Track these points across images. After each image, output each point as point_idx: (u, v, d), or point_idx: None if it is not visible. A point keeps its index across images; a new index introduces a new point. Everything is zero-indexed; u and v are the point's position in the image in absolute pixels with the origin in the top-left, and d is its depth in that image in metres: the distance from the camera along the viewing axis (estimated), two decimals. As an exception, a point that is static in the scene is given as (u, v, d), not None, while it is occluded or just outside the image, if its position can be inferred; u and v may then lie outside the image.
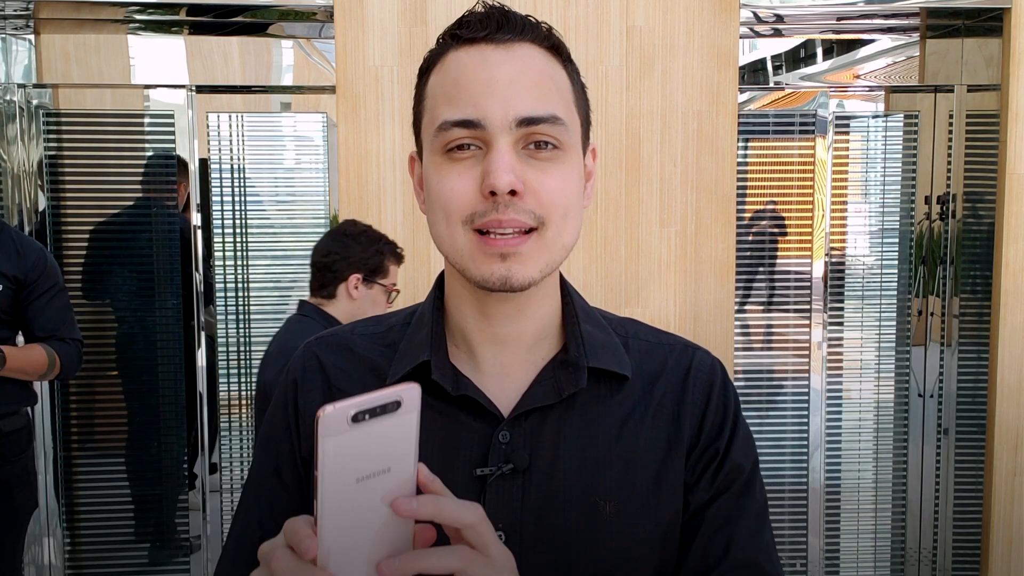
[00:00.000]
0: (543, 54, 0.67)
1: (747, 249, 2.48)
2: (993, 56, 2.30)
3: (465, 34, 0.66)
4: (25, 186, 2.31)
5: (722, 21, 2.09)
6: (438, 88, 0.67)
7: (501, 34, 0.65)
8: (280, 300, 2.44)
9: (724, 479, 0.71)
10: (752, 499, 0.72)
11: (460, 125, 0.64)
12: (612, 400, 0.71)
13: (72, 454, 2.41)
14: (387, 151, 2.06)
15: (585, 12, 2.06)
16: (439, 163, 0.65)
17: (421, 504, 0.49)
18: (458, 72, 0.65)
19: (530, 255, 0.65)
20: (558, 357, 0.72)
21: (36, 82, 2.31)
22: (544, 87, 0.65)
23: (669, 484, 0.71)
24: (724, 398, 0.74)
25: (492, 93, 0.63)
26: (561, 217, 0.65)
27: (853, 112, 2.53)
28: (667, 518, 0.70)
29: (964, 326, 2.44)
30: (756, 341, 2.53)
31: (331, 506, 0.47)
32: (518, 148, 0.64)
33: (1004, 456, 2.27)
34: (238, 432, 2.45)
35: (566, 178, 0.66)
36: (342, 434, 0.46)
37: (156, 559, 2.43)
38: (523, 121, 0.63)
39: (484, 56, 0.65)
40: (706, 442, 0.72)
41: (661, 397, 0.73)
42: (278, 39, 2.39)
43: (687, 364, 0.75)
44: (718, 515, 0.70)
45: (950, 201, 2.44)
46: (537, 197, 0.64)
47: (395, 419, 0.48)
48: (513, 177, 0.62)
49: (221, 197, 2.38)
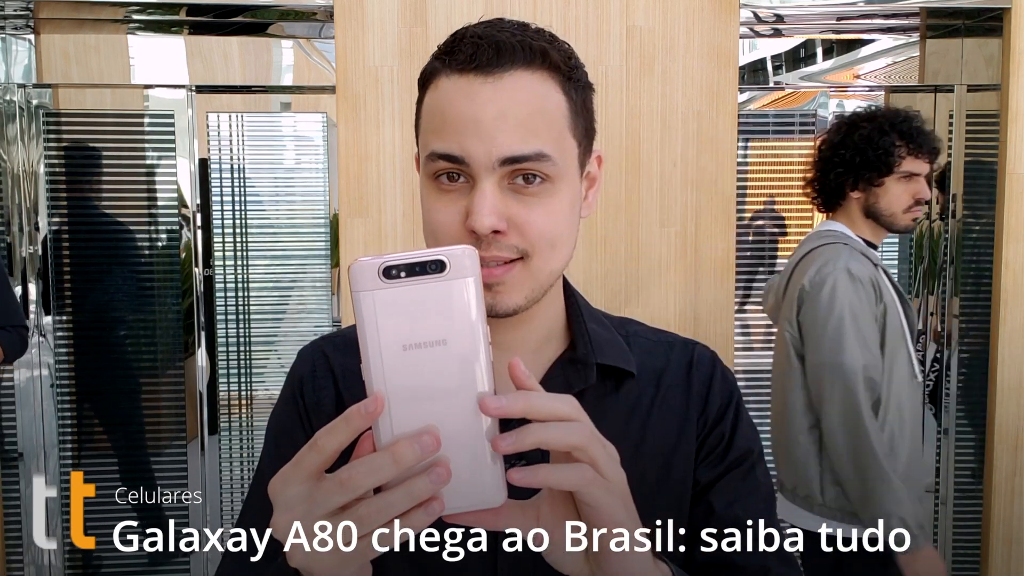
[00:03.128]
0: (536, 80, 0.65)
1: (747, 249, 2.48)
2: (993, 56, 2.30)
3: (454, 64, 0.65)
4: (25, 186, 2.31)
5: (722, 21, 2.09)
6: (428, 115, 0.68)
7: (490, 66, 0.64)
8: (280, 300, 2.44)
9: (731, 460, 0.73)
10: (759, 481, 0.73)
11: (445, 159, 0.64)
12: (618, 395, 0.73)
13: (72, 454, 2.41)
14: (387, 151, 2.06)
15: (585, 12, 2.06)
16: (430, 187, 0.66)
17: (510, 401, 0.45)
18: (445, 103, 0.65)
19: (514, 284, 0.65)
20: (565, 355, 0.73)
21: (36, 82, 2.31)
22: (531, 124, 0.64)
23: (678, 474, 0.72)
24: (724, 384, 0.76)
25: (476, 131, 0.63)
26: (548, 248, 0.65)
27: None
28: (676, 508, 0.71)
29: (964, 326, 2.44)
30: (756, 341, 2.53)
31: (378, 375, 0.43)
32: (504, 184, 0.64)
33: (1004, 456, 2.27)
34: (238, 432, 2.45)
35: (553, 211, 0.65)
36: (377, 291, 0.43)
37: (155, 559, 2.42)
38: (507, 160, 0.63)
39: (471, 90, 0.64)
40: (711, 426, 0.74)
41: (667, 391, 0.74)
42: (278, 39, 2.39)
43: (689, 358, 0.77)
44: (728, 491, 0.72)
45: (950, 201, 2.44)
46: (522, 232, 0.64)
47: (441, 284, 0.44)
48: (495, 219, 0.62)
49: (221, 197, 2.38)
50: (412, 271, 0.44)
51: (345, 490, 0.42)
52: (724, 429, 0.74)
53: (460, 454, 0.45)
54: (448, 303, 0.44)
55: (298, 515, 0.44)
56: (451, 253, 0.44)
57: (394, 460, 0.42)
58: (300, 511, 0.44)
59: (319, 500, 0.43)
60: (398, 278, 0.43)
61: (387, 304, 0.43)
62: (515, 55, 0.65)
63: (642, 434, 0.72)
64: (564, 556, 0.50)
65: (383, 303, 0.43)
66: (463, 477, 0.45)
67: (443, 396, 0.44)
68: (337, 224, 2.23)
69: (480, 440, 0.45)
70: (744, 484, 0.72)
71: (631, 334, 0.78)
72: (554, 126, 0.66)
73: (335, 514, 0.43)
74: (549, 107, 0.66)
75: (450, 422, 0.44)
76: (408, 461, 0.42)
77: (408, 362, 0.44)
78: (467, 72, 0.64)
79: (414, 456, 0.42)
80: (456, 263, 0.44)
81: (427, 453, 0.43)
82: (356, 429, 0.43)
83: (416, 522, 0.43)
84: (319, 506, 0.43)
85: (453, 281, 0.44)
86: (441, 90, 0.66)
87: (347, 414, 0.43)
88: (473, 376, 0.45)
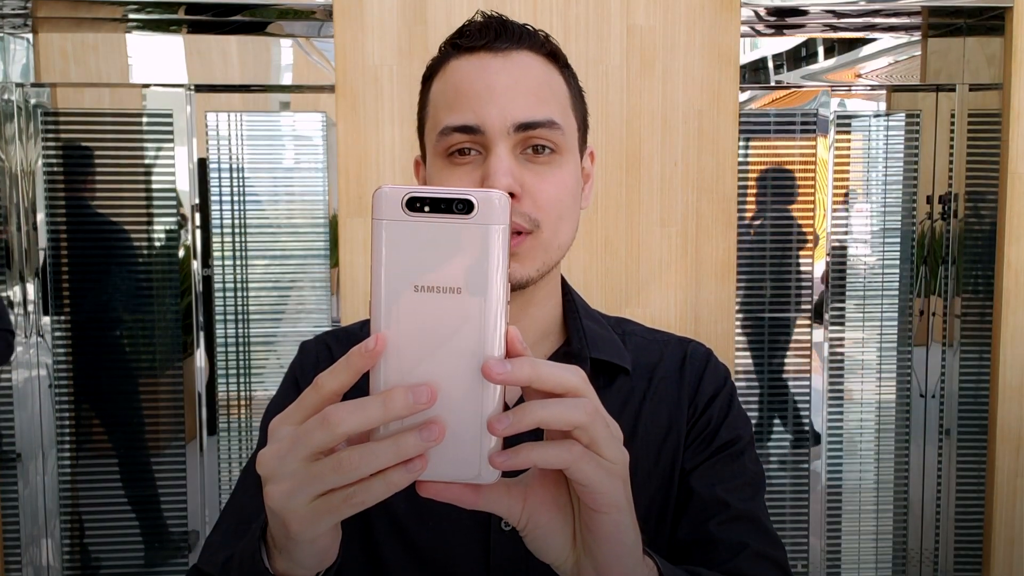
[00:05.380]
0: (540, 61, 0.69)
1: (747, 249, 2.47)
2: (995, 55, 2.29)
3: (464, 43, 0.68)
4: (23, 185, 2.31)
5: (723, 20, 2.08)
6: (440, 95, 0.69)
7: (499, 43, 0.67)
8: (279, 300, 2.43)
9: (717, 446, 0.74)
10: (745, 466, 0.74)
11: (460, 130, 0.66)
12: (611, 388, 0.74)
13: (70, 454, 2.41)
14: (386, 150, 2.05)
15: (585, 12, 2.05)
16: (441, 166, 0.68)
17: (516, 367, 0.41)
18: (458, 79, 0.68)
19: (527, 255, 0.67)
20: (560, 350, 0.75)
21: (34, 81, 2.31)
22: (541, 93, 0.67)
23: (667, 461, 0.73)
24: (716, 374, 0.77)
25: (491, 99, 0.65)
26: (556, 219, 0.67)
27: (854, 111, 2.52)
28: (664, 494, 0.72)
29: (966, 326, 2.43)
30: (756, 341, 2.52)
31: (384, 314, 0.41)
32: (516, 152, 0.66)
33: (1006, 456, 2.26)
34: (237, 433, 2.44)
35: (563, 181, 0.68)
36: (398, 221, 0.40)
37: (153, 560, 2.42)
38: (521, 126, 0.65)
39: (483, 64, 0.67)
40: (700, 413, 0.75)
41: (659, 383, 0.76)
42: (277, 38, 2.38)
43: (683, 353, 0.78)
44: (711, 473, 0.72)
45: (952, 201, 2.44)
46: (534, 200, 0.66)
47: (467, 227, 0.41)
48: (511, 180, 0.64)
49: (220, 196, 2.37)
50: (437, 207, 0.41)
51: (327, 427, 0.40)
52: (712, 415, 0.75)
53: (455, 418, 0.41)
54: (470, 248, 0.41)
55: (283, 451, 0.42)
56: (482, 195, 0.41)
57: (384, 405, 0.40)
58: (285, 447, 0.42)
59: (301, 437, 0.41)
60: (421, 211, 0.40)
61: (405, 237, 0.40)
62: (521, 37, 0.68)
63: (634, 426, 0.73)
64: (549, 542, 0.47)
65: (401, 235, 0.40)
66: (454, 444, 0.42)
67: (448, 351, 0.41)
68: (336, 224, 2.22)
69: (479, 407, 0.42)
70: (728, 468, 0.73)
71: (627, 332, 0.79)
72: (560, 100, 0.70)
73: (317, 458, 0.41)
74: (554, 84, 0.70)
75: (451, 381, 0.41)
76: (398, 409, 0.40)
77: (417, 305, 0.41)
78: (477, 51, 0.68)
79: (405, 405, 0.40)
80: (485, 207, 0.41)
81: (419, 406, 0.40)
82: (357, 370, 0.41)
83: (396, 479, 0.40)
84: (302, 444, 0.41)
85: (479, 225, 0.41)
86: (451, 71, 0.69)
87: (349, 353, 0.41)
88: (484, 334, 0.41)
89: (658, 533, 0.72)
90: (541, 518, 0.47)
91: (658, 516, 0.72)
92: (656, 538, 0.72)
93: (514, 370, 0.41)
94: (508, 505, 0.46)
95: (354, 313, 2.05)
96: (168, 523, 2.43)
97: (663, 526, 0.72)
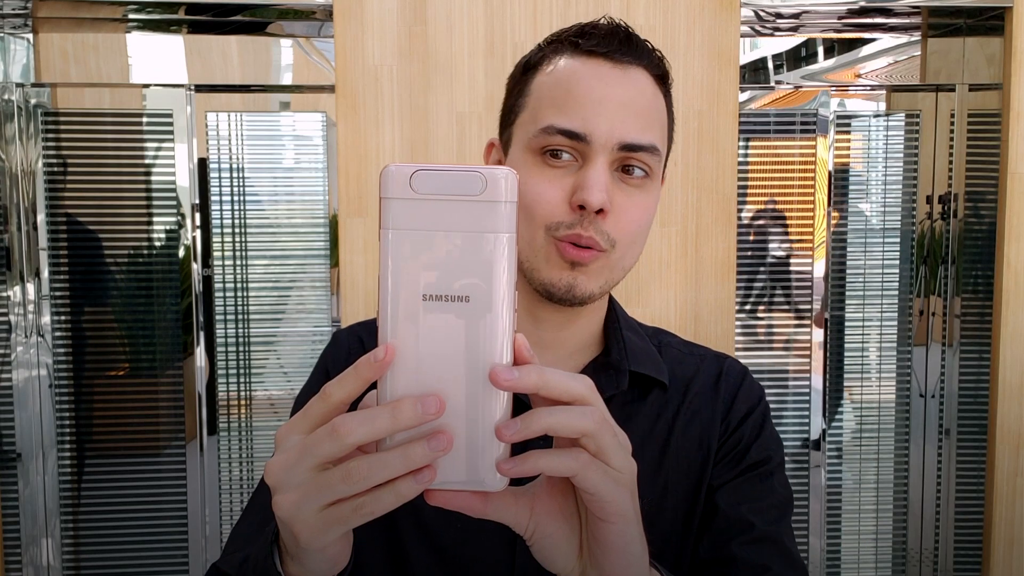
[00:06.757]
0: (652, 81, 0.69)
1: (747, 249, 2.47)
2: (995, 55, 2.29)
3: (585, 45, 0.67)
4: (23, 185, 2.31)
5: (723, 20, 2.08)
6: (546, 90, 0.68)
7: (620, 55, 0.66)
8: (279, 300, 2.43)
9: (747, 464, 0.73)
10: (774, 487, 0.73)
11: (564, 134, 0.65)
12: (645, 401, 0.74)
13: (70, 454, 2.41)
14: (386, 150, 2.05)
15: (585, 12, 2.05)
16: (532, 162, 0.67)
17: (524, 374, 0.41)
18: (572, 81, 0.66)
19: (595, 272, 0.66)
20: (599, 360, 0.74)
21: (34, 81, 2.31)
22: (649, 116, 0.67)
23: (696, 477, 0.72)
24: (751, 393, 0.77)
25: (602, 111, 0.64)
26: (630, 242, 0.67)
27: (854, 111, 2.52)
28: (691, 510, 0.72)
29: (966, 326, 2.43)
30: (756, 341, 2.52)
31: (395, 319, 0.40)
32: (611, 169, 0.66)
33: (1006, 457, 2.26)
34: (237, 433, 2.44)
35: (648, 206, 0.68)
36: (406, 200, 0.40)
37: (154, 559, 2.42)
38: (625, 146, 0.65)
39: (600, 72, 0.66)
40: (732, 430, 0.74)
41: (693, 398, 0.75)
42: (277, 38, 2.38)
43: (719, 369, 0.77)
44: (737, 492, 0.71)
45: (951, 200, 2.44)
46: (618, 220, 0.65)
47: (476, 208, 0.40)
48: (605, 196, 0.63)
49: (220, 196, 2.37)
50: (445, 184, 0.40)
51: (336, 437, 0.40)
52: (744, 433, 0.74)
53: (463, 425, 0.41)
54: (479, 254, 0.40)
55: (291, 460, 0.42)
56: (492, 173, 0.40)
57: (393, 415, 0.40)
58: (293, 456, 0.42)
59: (310, 447, 0.41)
60: (429, 194, 0.40)
61: (414, 219, 0.40)
62: (641, 54, 0.68)
63: (667, 439, 0.72)
64: (555, 552, 0.47)
65: (411, 217, 0.40)
66: (461, 451, 0.41)
67: (456, 358, 0.41)
68: (336, 224, 2.22)
69: (486, 414, 0.41)
70: (755, 488, 0.72)
71: (663, 344, 0.79)
72: (662, 125, 0.69)
73: (325, 467, 0.41)
74: (660, 107, 0.69)
75: (458, 388, 0.41)
76: (406, 419, 0.40)
77: (425, 314, 0.40)
78: (596, 56, 0.66)
79: (414, 416, 0.40)
80: (492, 184, 0.40)
81: (428, 416, 0.40)
82: (365, 380, 0.41)
83: (405, 490, 0.40)
84: (310, 454, 0.41)
85: (489, 207, 0.40)
86: (564, 70, 0.67)
87: (357, 363, 0.41)
88: (491, 342, 0.41)
89: (682, 549, 0.71)
90: (548, 527, 0.47)
91: (683, 531, 0.71)
92: (680, 554, 0.71)
93: (521, 377, 0.41)
94: (515, 513, 0.46)
95: (354, 313, 2.05)
96: (168, 523, 2.43)
97: (687, 541, 0.71)
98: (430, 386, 0.41)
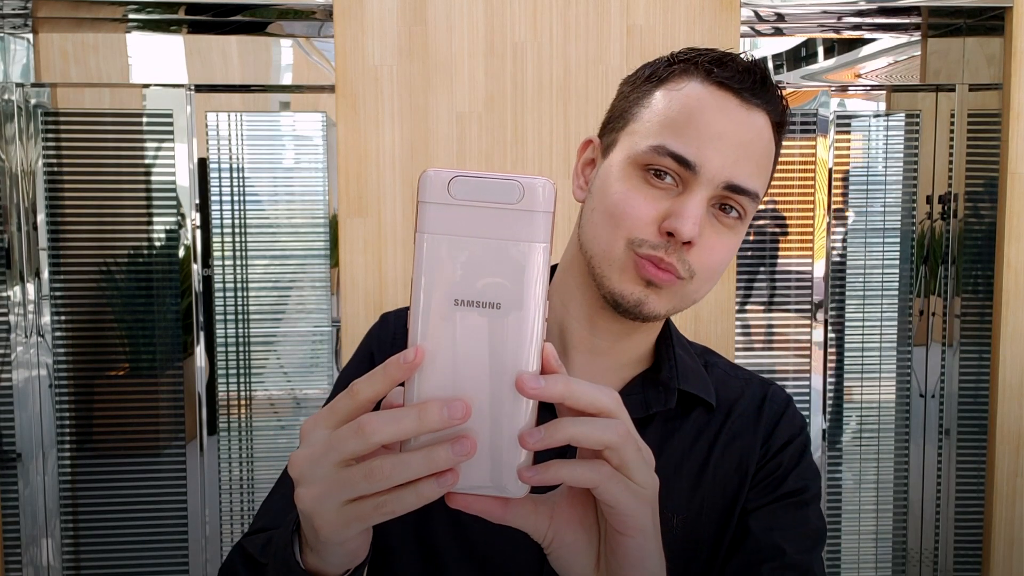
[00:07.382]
0: (771, 129, 0.68)
1: (747, 249, 2.47)
2: (995, 55, 2.29)
3: (719, 75, 0.66)
4: (23, 185, 2.31)
5: (723, 20, 2.08)
6: (667, 109, 0.67)
7: (751, 95, 0.66)
8: (279, 300, 2.43)
9: (783, 492, 0.73)
10: (808, 517, 0.73)
11: (675, 158, 0.64)
12: (687, 419, 0.73)
13: (70, 454, 2.41)
14: (386, 150, 2.05)
15: (585, 11, 2.05)
16: (632, 175, 0.66)
17: (550, 384, 0.41)
18: (696, 108, 0.66)
19: (668, 295, 0.66)
20: (648, 375, 0.74)
21: (34, 81, 2.31)
22: (761, 163, 0.67)
23: (731, 499, 0.72)
24: (793, 422, 0.76)
25: (719, 146, 0.64)
26: (707, 278, 0.67)
27: (854, 111, 2.52)
28: (723, 530, 0.72)
29: (966, 326, 2.43)
30: (756, 341, 2.52)
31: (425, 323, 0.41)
32: (709, 203, 0.66)
33: (1006, 457, 2.26)
34: (237, 433, 2.44)
35: (733, 247, 0.68)
36: (443, 204, 0.40)
37: (154, 559, 2.42)
38: (731, 186, 0.65)
39: (727, 107, 0.65)
40: (771, 456, 0.74)
41: (735, 422, 0.74)
42: (277, 38, 2.39)
43: (763, 395, 0.77)
44: (771, 518, 0.71)
45: (951, 200, 2.44)
46: (701, 254, 0.65)
47: (512, 216, 0.40)
48: (697, 231, 0.64)
49: (220, 196, 2.37)
50: (483, 192, 0.40)
51: (361, 435, 0.40)
52: (782, 460, 0.74)
53: (487, 431, 0.42)
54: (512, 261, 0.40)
55: (316, 455, 0.43)
56: (530, 182, 0.40)
57: (418, 417, 0.40)
58: (318, 451, 0.43)
59: (334, 443, 0.42)
60: (466, 199, 0.40)
61: (451, 223, 0.40)
62: (770, 99, 0.67)
63: (705, 459, 0.72)
64: (573, 562, 0.48)
65: (448, 222, 0.40)
66: (485, 456, 0.42)
67: (484, 364, 0.41)
68: (336, 224, 2.22)
69: (511, 420, 0.42)
70: (790, 516, 0.72)
71: (709, 363, 0.79)
72: (768, 173, 0.69)
73: (349, 464, 0.42)
74: (771, 156, 0.69)
75: (484, 394, 0.41)
76: (432, 422, 0.40)
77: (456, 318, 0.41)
78: (726, 88, 0.66)
79: (440, 419, 0.40)
80: (531, 193, 0.40)
81: (454, 420, 0.40)
82: (394, 380, 0.41)
83: (427, 491, 0.41)
84: (334, 450, 0.42)
85: (524, 216, 0.40)
86: (690, 94, 0.67)
87: (386, 363, 0.42)
88: (520, 349, 0.41)
89: (709, 568, 0.71)
90: (567, 536, 0.47)
91: (711, 550, 0.71)
92: (707, 573, 0.71)
93: (548, 386, 0.41)
94: (534, 521, 0.46)
95: (354, 313, 2.05)
96: (168, 523, 2.43)
97: (715, 561, 0.71)
98: (457, 390, 0.41)
